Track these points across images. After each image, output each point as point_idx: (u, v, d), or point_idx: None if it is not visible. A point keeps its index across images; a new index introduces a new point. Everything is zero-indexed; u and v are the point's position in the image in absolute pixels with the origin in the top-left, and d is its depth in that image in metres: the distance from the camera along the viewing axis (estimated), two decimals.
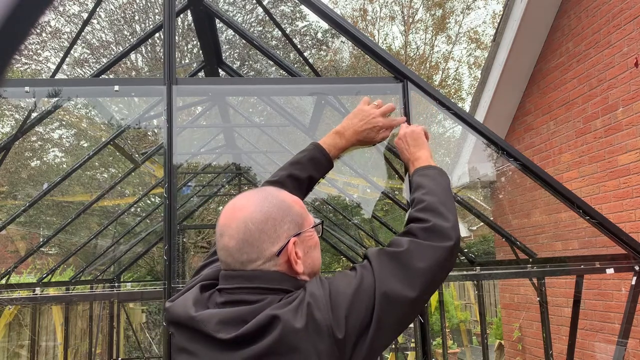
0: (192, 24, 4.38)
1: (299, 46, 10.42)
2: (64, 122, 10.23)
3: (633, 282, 2.45)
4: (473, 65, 17.57)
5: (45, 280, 5.46)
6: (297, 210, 1.08)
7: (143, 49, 10.72)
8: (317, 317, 0.95)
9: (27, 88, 2.22)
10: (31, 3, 0.36)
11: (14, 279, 5.14)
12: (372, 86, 2.59)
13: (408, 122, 1.83)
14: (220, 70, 3.89)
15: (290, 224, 1.05)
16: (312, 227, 1.10)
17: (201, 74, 4.05)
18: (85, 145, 10.32)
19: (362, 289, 1.00)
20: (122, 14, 10.45)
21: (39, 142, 10.15)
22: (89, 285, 6.09)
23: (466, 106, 14.44)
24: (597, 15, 4.22)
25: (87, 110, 10.14)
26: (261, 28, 11.12)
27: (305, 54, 10.50)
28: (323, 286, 1.00)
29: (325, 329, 0.94)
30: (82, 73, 10.36)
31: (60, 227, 5.02)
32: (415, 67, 16.11)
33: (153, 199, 9.38)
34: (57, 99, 2.39)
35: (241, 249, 1.01)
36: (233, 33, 9.49)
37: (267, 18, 10.42)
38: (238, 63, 10.51)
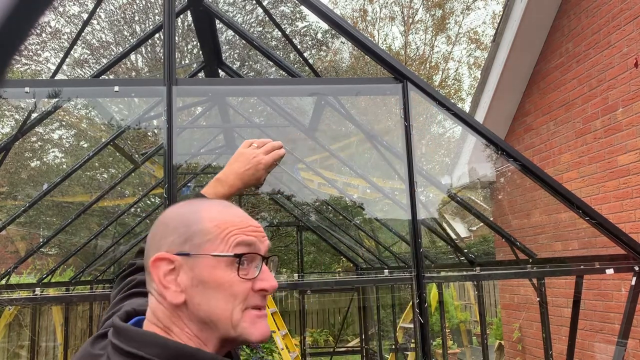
0: (192, 24, 4.38)
1: (298, 47, 10.42)
2: (64, 123, 10.23)
3: (633, 282, 2.45)
4: (473, 66, 17.58)
5: (45, 280, 5.47)
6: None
7: (143, 50, 10.73)
8: None
9: (27, 89, 2.22)
10: (31, 3, 0.36)
11: (13, 279, 5.14)
12: (372, 87, 2.59)
13: (407, 122, 1.83)
14: (220, 70, 3.89)
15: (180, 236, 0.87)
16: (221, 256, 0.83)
17: (201, 74, 4.05)
18: (85, 145, 10.32)
19: None
20: (122, 15, 10.45)
21: (39, 143, 10.15)
22: (89, 286, 6.09)
23: (466, 106, 14.44)
24: (597, 15, 4.22)
25: (87, 111, 10.15)
26: (261, 28, 11.13)
27: (305, 54, 10.51)
28: None
29: None
30: (82, 73, 10.36)
31: (60, 228, 5.02)
32: (415, 67, 16.11)
33: (153, 199, 9.38)
34: (57, 99, 2.39)
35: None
36: (233, 33, 9.49)
37: (267, 18, 10.42)
38: (238, 63, 10.52)
